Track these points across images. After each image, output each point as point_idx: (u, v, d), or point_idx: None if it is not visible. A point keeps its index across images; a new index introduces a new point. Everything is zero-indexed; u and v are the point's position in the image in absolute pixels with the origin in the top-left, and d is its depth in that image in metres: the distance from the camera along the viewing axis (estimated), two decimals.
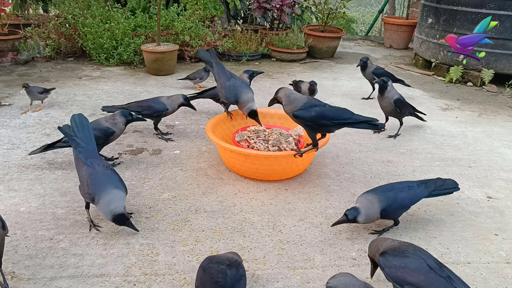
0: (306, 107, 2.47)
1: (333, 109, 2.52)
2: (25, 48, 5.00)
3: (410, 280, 1.56)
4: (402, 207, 2.22)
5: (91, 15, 5.05)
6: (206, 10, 5.52)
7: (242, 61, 5.48)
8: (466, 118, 3.98)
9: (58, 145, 2.69)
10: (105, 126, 2.68)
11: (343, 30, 6.33)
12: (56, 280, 1.83)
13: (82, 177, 2.09)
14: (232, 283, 1.57)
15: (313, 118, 2.45)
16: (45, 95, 3.61)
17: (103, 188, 2.03)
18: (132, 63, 5.06)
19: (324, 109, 2.48)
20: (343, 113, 2.48)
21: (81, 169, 2.11)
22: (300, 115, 2.47)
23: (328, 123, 2.46)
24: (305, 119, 2.46)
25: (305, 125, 2.53)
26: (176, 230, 2.19)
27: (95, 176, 2.06)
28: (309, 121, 2.46)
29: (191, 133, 3.37)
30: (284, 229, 2.24)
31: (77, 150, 2.15)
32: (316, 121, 2.45)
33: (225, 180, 2.71)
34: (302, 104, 2.48)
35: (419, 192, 2.23)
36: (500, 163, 3.11)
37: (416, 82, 5.08)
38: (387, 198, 2.14)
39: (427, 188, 2.25)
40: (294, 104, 2.49)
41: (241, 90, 2.87)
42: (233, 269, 1.62)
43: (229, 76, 2.99)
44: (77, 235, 2.11)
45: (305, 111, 2.46)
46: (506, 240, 2.25)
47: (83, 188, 2.09)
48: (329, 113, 2.47)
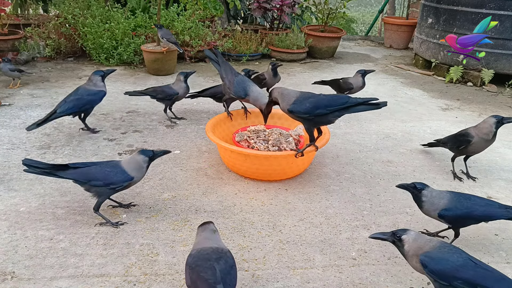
0: (299, 101, 2.45)
1: (328, 96, 2.47)
2: (25, 48, 5.00)
3: (461, 276, 1.57)
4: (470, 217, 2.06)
5: (91, 15, 5.05)
6: (206, 10, 5.52)
7: (242, 61, 5.48)
8: (466, 118, 3.98)
9: (52, 117, 3.00)
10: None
11: (343, 30, 6.33)
12: (56, 280, 1.83)
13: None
14: (223, 276, 1.55)
15: (308, 109, 2.41)
16: (18, 74, 4.09)
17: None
18: (132, 63, 5.06)
19: (318, 98, 2.45)
20: (339, 99, 2.41)
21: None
22: (294, 109, 2.45)
23: (324, 111, 2.39)
24: (300, 112, 2.44)
25: (302, 119, 2.50)
26: (176, 230, 2.19)
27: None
28: (304, 114, 2.44)
29: (191, 133, 3.37)
30: (284, 229, 2.24)
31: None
32: (312, 111, 2.41)
33: (225, 180, 2.71)
34: (295, 98, 2.47)
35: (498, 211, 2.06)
36: (500, 163, 3.11)
37: (416, 82, 5.08)
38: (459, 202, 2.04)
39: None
40: (287, 100, 2.48)
41: (250, 84, 2.92)
42: (221, 262, 1.60)
43: (236, 73, 3.04)
44: (77, 235, 2.11)
45: (299, 105, 2.44)
46: (506, 240, 2.25)
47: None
48: (324, 101, 2.42)
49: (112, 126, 3.43)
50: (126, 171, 2.17)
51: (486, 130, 2.65)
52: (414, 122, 3.81)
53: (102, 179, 2.14)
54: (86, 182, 2.15)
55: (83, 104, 3.11)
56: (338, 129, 3.55)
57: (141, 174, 2.23)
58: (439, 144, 3.04)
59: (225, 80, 3.04)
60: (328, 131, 2.86)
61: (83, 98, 3.11)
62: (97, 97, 3.17)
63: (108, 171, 2.16)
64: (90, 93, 3.15)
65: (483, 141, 2.67)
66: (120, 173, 2.16)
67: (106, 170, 2.16)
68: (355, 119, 3.77)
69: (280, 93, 2.53)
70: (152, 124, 3.49)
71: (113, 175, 2.15)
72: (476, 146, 2.71)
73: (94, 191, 2.17)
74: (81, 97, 3.11)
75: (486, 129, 2.66)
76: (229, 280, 1.57)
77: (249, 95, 2.88)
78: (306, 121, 2.49)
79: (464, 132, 2.77)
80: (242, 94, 2.91)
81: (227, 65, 3.09)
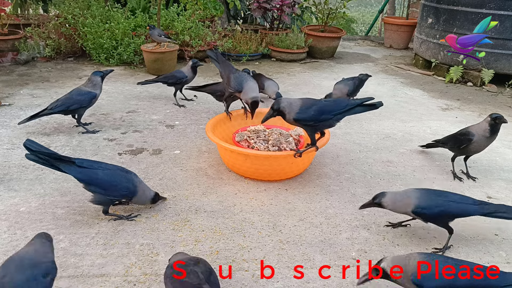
0: (303, 109, 2.47)
1: (329, 102, 2.53)
2: (25, 48, 5.00)
3: None
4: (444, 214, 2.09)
5: (91, 15, 5.05)
6: (206, 10, 5.52)
7: (242, 61, 5.48)
8: (466, 118, 3.97)
9: (43, 113, 3.12)
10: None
11: (343, 30, 6.33)
12: (56, 280, 1.82)
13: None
14: (206, 277, 1.55)
15: (313, 117, 2.45)
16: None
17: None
18: (132, 63, 5.06)
19: (321, 105, 2.49)
20: (340, 103, 2.48)
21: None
22: (301, 118, 2.47)
23: (329, 116, 2.45)
24: (307, 119, 2.46)
25: (306, 126, 2.53)
26: (176, 230, 2.19)
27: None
28: (310, 121, 2.46)
29: (191, 133, 3.37)
30: (284, 229, 2.24)
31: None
32: (317, 118, 2.45)
33: (225, 180, 2.71)
34: (299, 106, 2.48)
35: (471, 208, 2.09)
36: (500, 163, 3.11)
37: (416, 82, 5.08)
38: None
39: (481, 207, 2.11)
40: (292, 110, 2.48)
41: (247, 79, 2.95)
42: (200, 265, 1.60)
43: (235, 70, 3.09)
44: (77, 235, 2.11)
45: (303, 113, 2.46)
46: (506, 240, 2.25)
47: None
48: (327, 107, 2.47)
49: (112, 126, 3.43)
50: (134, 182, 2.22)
51: (486, 128, 2.65)
52: (414, 122, 3.81)
53: (106, 189, 2.14)
54: (87, 185, 2.15)
55: (71, 104, 3.14)
56: (338, 129, 3.54)
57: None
58: (438, 145, 3.03)
59: (224, 76, 3.08)
60: (328, 131, 2.86)
61: (72, 98, 3.17)
62: (86, 98, 3.18)
63: (115, 182, 2.15)
64: (80, 94, 3.18)
65: (484, 139, 2.67)
66: (126, 182, 2.18)
67: (113, 181, 2.15)
68: (355, 119, 3.77)
69: (289, 103, 2.50)
70: (152, 124, 3.49)
71: (118, 186, 2.15)
72: (477, 145, 2.71)
73: (94, 197, 2.19)
74: (71, 97, 3.18)
75: (486, 127, 2.66)
76: (213, 279, 1.57)
77: (244, 89, 2.91)
78: (309, 127, 2.51)
79: (465, 131, 2.76)
80: (238, 88, 2.94)
81: (227, 63, 3.16)
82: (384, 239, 2.20)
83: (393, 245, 2.16)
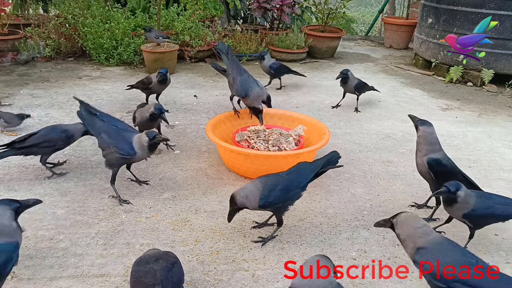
0: (265, 194, 2.03)
1: (292, 175, 2.13)
2: (25, 48, 5.00)
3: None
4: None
5: (91, 15, 5.05)
6: (206, 10, 5.52)
7: (242, 61, 5.47)
8: (466, 118, 3.98)
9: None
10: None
11: (343, 30, 6.33)
12: (56, 280, 1.83)
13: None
14: (164, 274, 1.54)
15: (281, 197, 2.05)
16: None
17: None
18: (132, 63, 5.06)
19: (285, 180, 2.09)
20: (306, 170, 2.15)
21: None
22: (266, 204, 2.03)
23: (297, 190, 2.11)
24: (274, 203, 2.05)
25: (274, 209, 2.10)
26: (176, 230, 2.19)
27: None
28: (278, 203, 2.06)
29: (191, 133, 3.37)
30: (284, 229, 2.24)
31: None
32: (285, 197, 2.06)
33: (225, 180, 2.71)
34: (260, 192, 2.03)
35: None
36: (500, 163, 3.11)
37: (416, 82, 5.08)
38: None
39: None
40: (252, 199, 2.05)
41: (253, 85, 2.90)
42: (161, 261, 1.59)
43: (242, 72, 3.02)
44: (77, 235, 2.11)
45: (268, 197, 2.02)
46: (506, 240, 2.25)
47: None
48: (293, 181, 2.09)
49: None
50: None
51: None
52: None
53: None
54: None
55: None
56: (338, 129, 3.55)
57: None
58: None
59: (229, 76, 3.04)
60: (328, 131, 2.86)
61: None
62: None
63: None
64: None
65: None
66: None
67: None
68: (355, 119, 3.77)
69: (244, 196, 2.06)
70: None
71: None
72: None
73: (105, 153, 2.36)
74: None
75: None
76: (172, 275, 1.56)
77: (249, 96, 2.88)
78: (279, 209, 2.10)
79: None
80: (242, 94, 2.91)
81: (235, 62, 3.07)
82: (384, 239, 2.20)
83: (393, 245, 2.16)
